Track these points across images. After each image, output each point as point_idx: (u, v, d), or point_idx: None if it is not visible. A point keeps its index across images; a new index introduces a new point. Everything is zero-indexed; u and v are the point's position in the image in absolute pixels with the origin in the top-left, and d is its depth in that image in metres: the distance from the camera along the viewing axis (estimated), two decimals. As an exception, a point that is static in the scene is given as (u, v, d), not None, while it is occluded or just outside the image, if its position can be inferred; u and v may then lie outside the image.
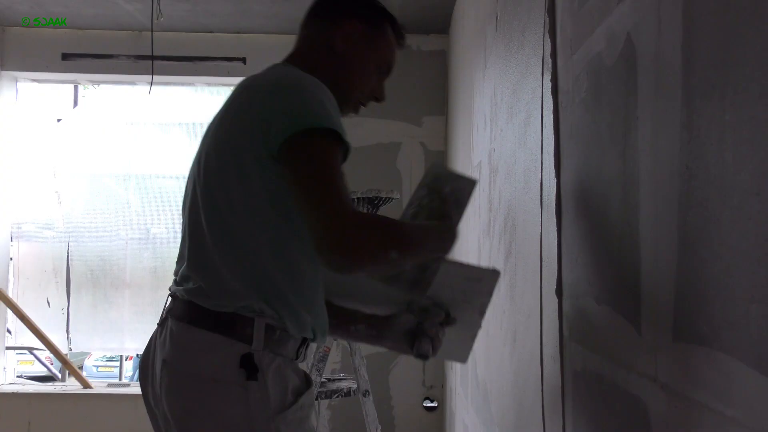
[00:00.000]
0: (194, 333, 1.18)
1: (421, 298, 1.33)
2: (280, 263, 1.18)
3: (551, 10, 1.39)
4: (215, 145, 1.23)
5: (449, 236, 1.24)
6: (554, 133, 1.34)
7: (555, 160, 1.33)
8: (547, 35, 1.42)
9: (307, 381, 1.24)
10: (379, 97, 1.41)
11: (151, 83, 4.22)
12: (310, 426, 1.22)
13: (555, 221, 1.31)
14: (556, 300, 1.30)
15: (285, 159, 1.12)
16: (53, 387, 4.50)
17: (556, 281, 1.30)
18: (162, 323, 1.27)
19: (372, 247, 1.04)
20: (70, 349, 4.59)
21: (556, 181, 1.32)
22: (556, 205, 1.30)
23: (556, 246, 1.30)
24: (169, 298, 1.29)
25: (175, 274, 1.31)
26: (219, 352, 1.16)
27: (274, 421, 1.15)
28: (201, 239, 1.22)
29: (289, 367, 1.21)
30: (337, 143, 1.17)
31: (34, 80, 4.60)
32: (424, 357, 1.36)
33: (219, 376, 1.15)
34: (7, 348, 4.49)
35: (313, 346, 1.49)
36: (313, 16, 1.36)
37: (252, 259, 1.18)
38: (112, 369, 8.62)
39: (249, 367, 1.15)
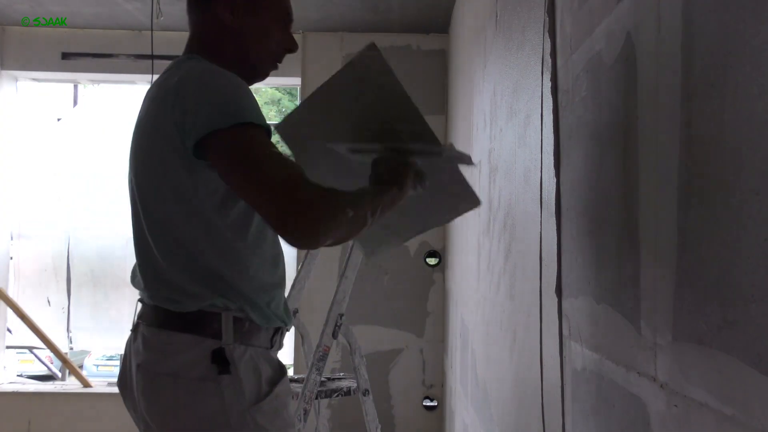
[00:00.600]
0: (165, 335, 1.21)
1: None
2: (224, 259, 1.20)
3: (551, 10, 1.40)
4: (140, 154, 1.28)
5: (399, 197, 1.21)
6: (554, 133, 1.34)
7: (555, 159, 1.33)
8: (546, 35, 1.42)
9: (281, 370, 1.26)
10: (291, 48, 1.38)
11: (151, 82, 4.22)
12: (288, 415, 1.24)
13: (555, 220, 1.31)
14: (555, 299, 1.30)
15: (213, 158, 1.13)
16: (53, 386, 4.51)
17: (555, 280, 1.30)
18: (135, 329, 1.29)
19: (328, 217, 1.06)
20: (71, 348, 4.59)
21: (555, 180, 1.32)
22: (556, 204, 1.30)
23: (556, 245, 1.30)
24: (139, 304, 1.32)
25: (136, 280, 1.35)
26: (190, 350, 1.18)
27: (249, 413, 1.17)
28: (147, 250, 1.26)
29: (262, 357, 1.23)
30: (255, 127, 1.14)
31: (34, 80, 4.60)
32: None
33: (192, 374, 1.18)
34: (7, 347, 4.49)
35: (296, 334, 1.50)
36: (191, 4, 1.35)
37: (198, 261, 1.20)
38: (112, 368, 8.62)
39: (220, 361, 1.17)
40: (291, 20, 1.38)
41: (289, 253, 4.57)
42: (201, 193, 1.18)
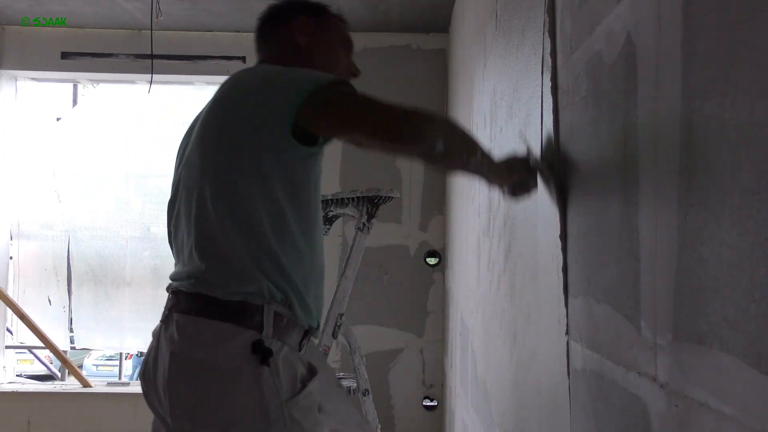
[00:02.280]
0: (203, 324, 1.21)
1: None
2: (283, 244, 1.24)
3: (551, 9, 1.39)
4: (217, 136, 1.28)
5: (492, 167, 1.30)
6: (554, 132, 1.34)
7: (555, 158, 1.33)
8: (546, 34, 1.42)
9: (311, 370, 1.28)
10: (355, 72, 1.53)
11: (151, 82, 4.22)
12: (317, 415, 1.26)
13: (559, 219, 1.31)
14: (555, 299, 1.30)
15: (312, 110, 1.20)
16: (53, 386, 4.51)
17: (557, 280, 1.30)
18: (165, 320, 1.28)
19: (423, 121, 1.18)
20: (72, 347, 4.59)
21: (558, 179, 1.32)
22: (559, 204, 1.30)
23: (559, 245, 1.30)
24: (171, 296, 1.31)
25: (174, 274, 1.34)
26: (230, 340, 1.19)
27: (286, 406, 1.19)
28: (207, 227, 1.26)
29: (295, 356, 1.25)
30: (345, 84, 1.27)
31: (33, 79, 4.60)
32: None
33: (231, 364, 1.18)
34: (7, 347, 4.49)
35: (314, 341, 1.52)
36: (265, 29, 1.49)
37: (260, 243, 1.22)
38: (112, 368, 8.63)
39: (262, 352, 1.19)
40: (352, 49, 1.56)
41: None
42: (280, 177, 1.23)
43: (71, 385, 4.49)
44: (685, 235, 0.75)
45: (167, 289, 1.35)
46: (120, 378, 4.92)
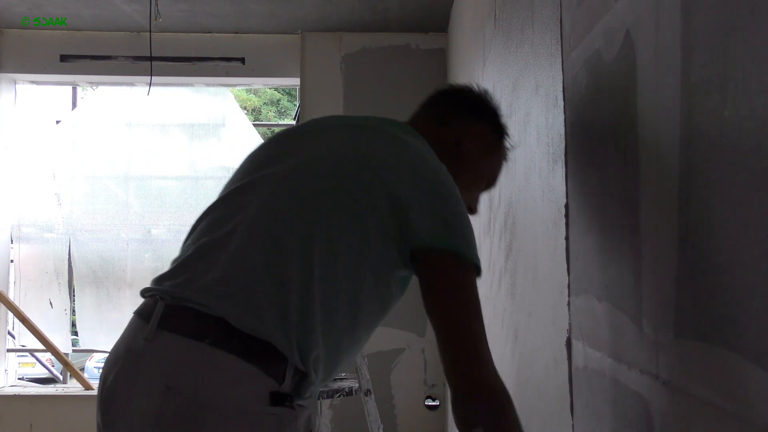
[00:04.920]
0: (222, 358, 0.99)
1: None
2: (332, 319, 1.07)
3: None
4: (333, 178, 1.10)
5: None
6: (555, 131, 1.34)
7: (557, 156, 1.33)
8: (558, 27, 1.42)
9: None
10: (474, 209, 1.34)
11: (150, 84, 4.22)
12: None
13: (563, 217, 1.31)
14: (556, 298, 1.30)
15: (427, 266, 1.10)
16: (54, 389, 4.51)
17: (558, 278, 1.30)
18: (153, 338, 1.03)
19: (488, 419, 1.03)
20: (75, 350, 4.59)
21: (561, 178, 1.32)
22: (566, 204, 1.30)
23: (564, 244, 1.30)
24: (164, 309, 1.04)
25: (174, 282, 1.08)
26: (248, 383, 0.99)
27: None
28: (279, 261, 1.05)
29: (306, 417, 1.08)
30: (474, 268, 1.12)
31: (32, 82, 4.60)
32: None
33: (248, 408, 0.99)
34: (9, 350, 4.49)
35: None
36: (450, 104, 1.31)
37: (326, 312, 1.05)
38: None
39: (281, 399, 1.01)
40: (489, 188, 1.38)
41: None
42: (378, 270, 1.10)
43: (73, 387, 4.49)
44: (685, 233, 0.75)
45: (146, 294, 1.11)
46: (122, 380, 4.91)
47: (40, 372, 6.86)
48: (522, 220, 1.70)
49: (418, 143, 1.18)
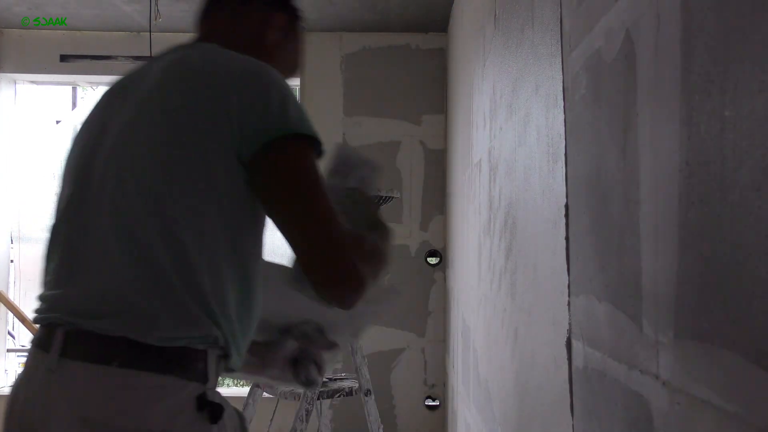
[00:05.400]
0: (133, 378, 0.93)
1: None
2: (235, 282, 1.02)
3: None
4: (157, 136, 1.02)
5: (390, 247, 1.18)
6: (554, 131, 1.34)
7: (557, 157, 1.33)
8: (558, 26, 1.42)
9: (240, 417, 1.09)
10: (296, 69, 1.36)
11: (150, 84, 4.21)
12: None
13: (563, 217, 1.31)
14: (556, 298, 1.30)
15: (263, 167, 1.02)
16: (55, 389, 4.50)
17: (558, 278, 1.30)
18: (56, 369, 0.95)
19: (366, 276, 1.03)
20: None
21: (561, 178, 1.32)
22: (566, 205, 1.30)
23: (564, 244, 1.30)
24: (59, 335, 0.96)
25: (57, 302, 1.01)
26: (171, 397, 0.94)
27: None
28: (143, 251, 0.97)
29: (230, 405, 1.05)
30: (311, 143, 1.06)
31: (32, 82, 4.60)
32: (312, 384, 1.28)
33: (175, 427, 0.94)
34: (8, 350, 4.49)
35: None
36: (231, 5, 1.25)
37: (212, 277, 0.99)
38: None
39: (211, 407, 0.96)
40: (299, 69, 1.36)
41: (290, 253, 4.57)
42: (237, 197, 1.02)
43: (73, 387, 4.49)
44: (686, 233, 0.75)
45: (39, 321, 1.02)
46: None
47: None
48: (522, 220, 1.70)
49: (215, 53, 1.11)
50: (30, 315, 4.30)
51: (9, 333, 4.52)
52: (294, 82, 4.56)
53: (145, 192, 0.99)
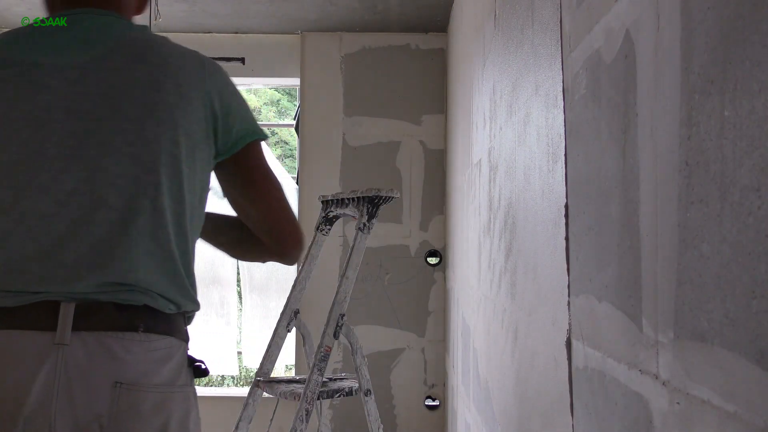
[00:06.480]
0: (154, 342, 1.06)
1: None
2: (193, 246, 1.18)
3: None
4: (150, 119, 1.09)
5: None
6: (554, 131, 1.34)
7: (557, 157, 1.32)
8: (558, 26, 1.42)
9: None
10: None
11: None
12: None
13: (564, 217, 1.31)
14: (556, 298, 1.30)
15: (243, 163, 1.21)
16: (55, 389, 4.49)
17: (558, 279, 1.30)
18: (60, 341, 0.99)
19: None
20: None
21: (561, 178, 1.32)
22: (566, 205, 1.30)
23: (563, 244, 1.30)
24: (67, 306, 1.01)
25: (43, 276, 1.02)
26: (176, 356, 1.10)
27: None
28: (156, 232, 1.08)
29: None
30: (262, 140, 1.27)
31: (33, 82, 4.59)
32: None
33: (179, 380, 1.10)
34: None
35: None
36: None
37: (192, 253, 1.16)
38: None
39: (195, 366, 1.15)
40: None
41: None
42: (206, 188, 1.19)
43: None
44: (685, 233, 0.75)
45: (31, 297, 1.02)
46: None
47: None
48: (522, 220, 1.70)
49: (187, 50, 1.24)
50: None
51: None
52: (294, 83, 4.56)
53: (157, 176, 1.10)
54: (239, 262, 4.64)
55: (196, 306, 1.17)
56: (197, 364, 1.15)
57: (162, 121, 1.09)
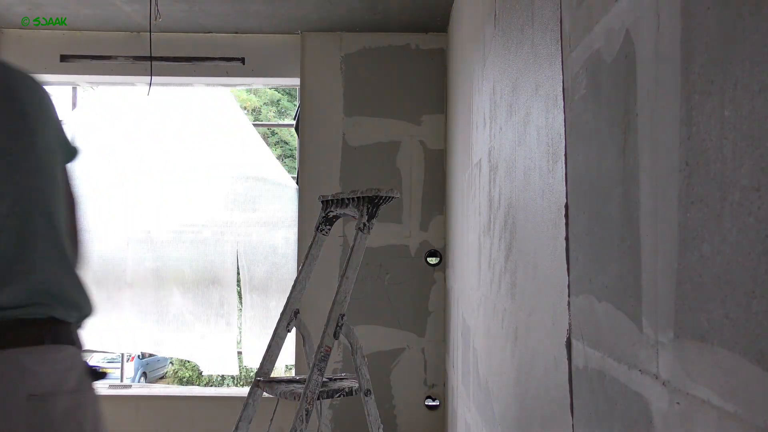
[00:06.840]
0: (61, 352, 1.11)
1: None
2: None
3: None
4: (40, 144, 1.21)
5: None
6: (554, 131, 1.34)
7: (557, 157, 1.32)
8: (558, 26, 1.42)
9: None
10: None
11: (150, 84, 4.22)
12: None
13: (563, 217, 1.31)
14: (556, 298, 1.30)
15: (65, 176, 1.28)
16: (55, 389, 4.50)
17: (558, 279, 1.30)
18: None
19: None
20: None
21: (561, 178, 1.32)
22: (566, 205, 1.30)
23: (563, 244, 1.30)
24: None
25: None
26: (78, 364, 1.14)
27: None
28: (55, 241, 1.18)
29: None
30: None
31: (33, 82, 4.59)
32: None
33: (83, 386, 1.14)
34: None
35: None
36: None
37: (71, 261, 1.22)
38: (113, 370, 8.63)
39: (95, 373, 1.19)
40: None
41: (290, 254, 4.57)
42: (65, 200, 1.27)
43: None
44: (685, 233, 0.75)
45: None
46: (122, 380, 4.91)
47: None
48: (522, 220, 1.70)
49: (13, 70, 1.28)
50: None
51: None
52: (294, 83, 4.56)
53: (53, 199, 1.21)
54: (239, 262, 4.64)
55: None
56: (93, 367, 1.19)
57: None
